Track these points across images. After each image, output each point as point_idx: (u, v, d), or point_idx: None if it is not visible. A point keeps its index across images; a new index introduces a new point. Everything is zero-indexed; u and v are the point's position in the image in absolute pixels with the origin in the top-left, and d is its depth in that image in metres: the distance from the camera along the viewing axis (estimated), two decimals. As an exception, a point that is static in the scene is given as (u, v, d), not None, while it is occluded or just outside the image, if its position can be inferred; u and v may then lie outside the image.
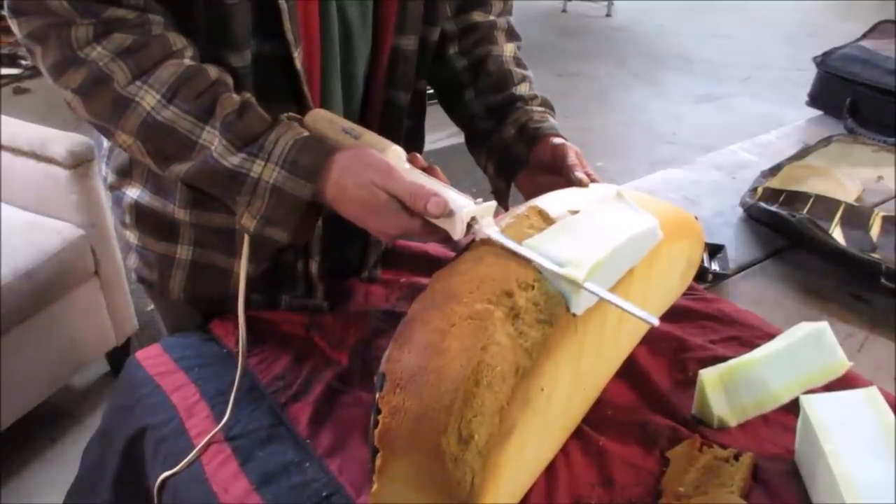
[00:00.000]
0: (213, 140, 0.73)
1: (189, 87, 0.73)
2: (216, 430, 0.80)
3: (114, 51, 0.72)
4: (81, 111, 0.75)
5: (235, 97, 0.75)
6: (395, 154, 0.75)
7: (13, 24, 0.73)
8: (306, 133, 0.76)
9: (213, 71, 0.76)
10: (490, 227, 0.70)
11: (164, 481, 0.79)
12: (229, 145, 0.73)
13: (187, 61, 0.74)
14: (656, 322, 0.64)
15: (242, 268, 0.81)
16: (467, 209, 0.70)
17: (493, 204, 0.73)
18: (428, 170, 0.75)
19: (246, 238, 0.82)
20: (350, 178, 0.72)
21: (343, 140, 0.77)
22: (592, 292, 0.65)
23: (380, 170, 0.72)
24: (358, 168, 0.72)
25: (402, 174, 0.72)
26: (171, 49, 0.74)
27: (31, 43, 0.73)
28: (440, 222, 0.71)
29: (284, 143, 0.74)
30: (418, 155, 0.77)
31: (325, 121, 0.80)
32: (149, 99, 0.73)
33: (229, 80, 0.77)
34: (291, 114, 0.79)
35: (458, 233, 0.71)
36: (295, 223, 0.75)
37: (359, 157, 0.73)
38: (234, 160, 0.73)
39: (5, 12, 0.73)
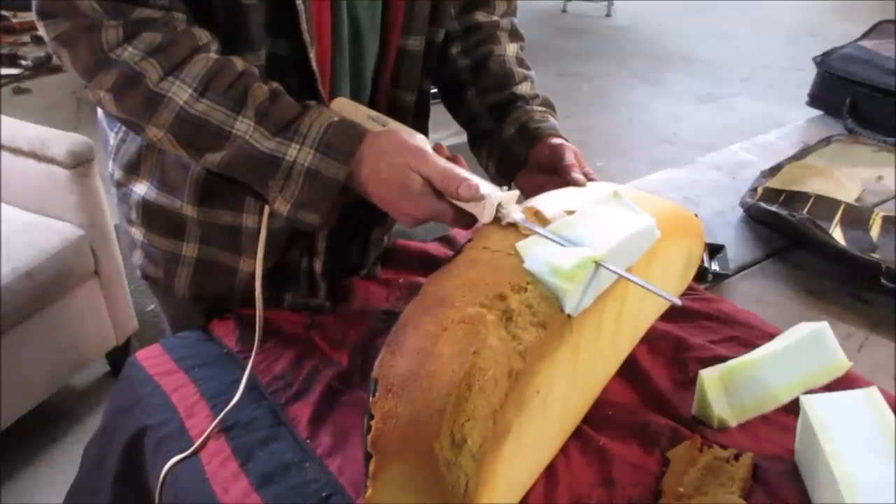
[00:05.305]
0: (246, 128, 0.75)
1: (219, 80, 0.75)
2: (222, 414, 0.81)
3: (144, 49, 0.73)
4: (112, 108, 0.76)
5: (264, 86, 0.77)
6: (423, 142, 0.77)
7: (40, 27, 0.74)
8: (338, 117, 0.77)
9: (238, 62, 0.77)
10: (516, 213, 0.72)
11: (164, 480, 0.79)
12: (264, 131, 0.75)
13: (214, 55, 0.76)
14: (678, 301, 0.66)
15: (259, 260, 0.83)
16: (496, 194, 0.72)
17: (517, 193, 0.76)
18: (452, 159, 0.77)
19: (263, 231, 0.83)
20: (385, 160, 0.74)
21: (371, 127, 0.79)
22: (612, 271, 0.67)
23: (415, 153, 0.74)
24: (393, 150, 0.75)
25: (435, 158, 0.74)
26: (198, 44, 0.75)
27: (59, 46, 0.74)
28: (469, 207, 0.73)
29: (318, 126, 0.75)
30: (443, 145, 0.79)
31: (351, 107, 0.82)
32: (181, 94, 0.74)
33: (255, 70, 0.78)
34: (317, 103, 0.80)
35: (486, 217, 0.73)
36: (327, 206, 0.76)
37: (393, 140, 0.76)
38: (270, 145, 0.75)
39: (33, 14, 0.74)
